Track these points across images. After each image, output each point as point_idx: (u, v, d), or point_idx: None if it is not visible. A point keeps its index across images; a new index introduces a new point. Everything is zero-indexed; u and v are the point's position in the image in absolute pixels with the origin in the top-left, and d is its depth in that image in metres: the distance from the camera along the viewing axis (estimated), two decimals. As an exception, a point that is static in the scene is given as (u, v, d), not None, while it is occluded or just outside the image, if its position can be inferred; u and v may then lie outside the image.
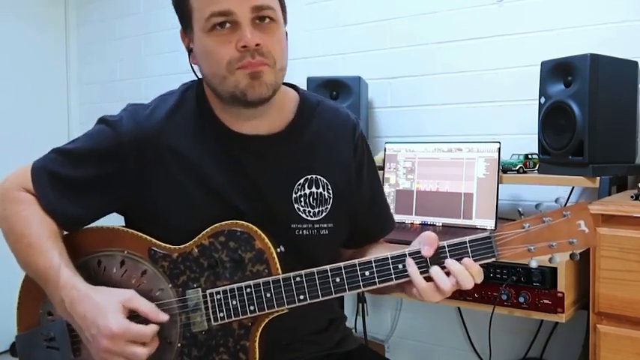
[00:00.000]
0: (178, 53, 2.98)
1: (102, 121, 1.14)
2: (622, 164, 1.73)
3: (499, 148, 1.83)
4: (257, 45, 1.01)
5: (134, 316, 1.02)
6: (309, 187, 1.14)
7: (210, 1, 1.01)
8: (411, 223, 1.95)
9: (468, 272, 0.96)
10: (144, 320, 1.02)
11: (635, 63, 1.75)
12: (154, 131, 1.09)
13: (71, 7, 3.45)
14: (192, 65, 1.13)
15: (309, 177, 1.14)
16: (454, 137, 2.18)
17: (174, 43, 3.00)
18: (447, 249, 0.99)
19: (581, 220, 0.96)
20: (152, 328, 1.01)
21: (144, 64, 3.18)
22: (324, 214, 1.15)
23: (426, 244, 0.99)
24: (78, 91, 3.48)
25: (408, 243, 1.03)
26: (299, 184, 1.13)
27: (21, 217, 1.09)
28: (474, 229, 1.81)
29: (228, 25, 1.02)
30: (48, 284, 1.05)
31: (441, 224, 1.90)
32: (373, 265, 1.01)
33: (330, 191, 1.16)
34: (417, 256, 0.99)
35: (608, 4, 1.94)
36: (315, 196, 1.14)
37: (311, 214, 1.14)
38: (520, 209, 0.99)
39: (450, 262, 0.97)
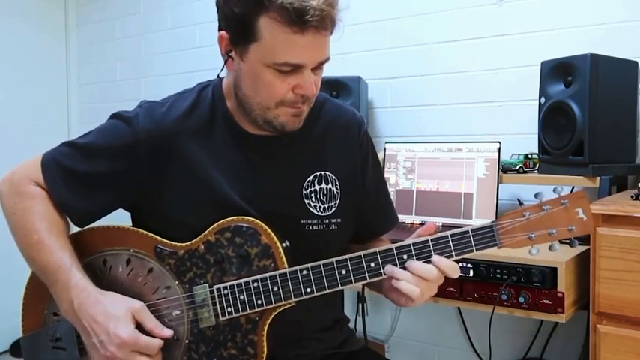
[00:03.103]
0: (178, 53, 2.99)
1: (116, 116, 1.14)
2: (622, 164, 1.73)
3: (499, 148, 1.83)
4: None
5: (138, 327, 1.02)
6: (319, 184, 1.16)
7: (287, 50, 1.00)
8: (411, 223, 1.95)
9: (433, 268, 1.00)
10: (147, 333, 1.02)
11: (635, 63, 1.75)
12: (169, 131, 1.10)
13: (71, 7, 3.45)
14: (224, 68, 1.12)
15: (318, 173, 1.17)
16: (454, 137, 2.18)
17: (174, 43, 3.03)
18: (449, 238, 1.01)
19: (579, 209, 0.99)
20: (159, 342, 1.02)
21: (144, 64, 3.17)
22: (333, 209, 1.17)
23: (425, 232, 1.04)
24: (78, 91, 3.48)
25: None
26: (309, 181, 1.16)
27: (33, 213, 1.08)
28: (474, 229, 1.81)
29: (290, 68, 1.03)
30: (56, 284, 1.04)
31: (441, 224, 1.90)
32: (378, 256, 1.03)
33: (338, 187, 1.19)
34: (421, 245, 1.01)
35: (608, 4, 1.94)
36: (325, 192, 1.17)
37: (321, 209, 1.16)
38: (520, 199, 1.01)
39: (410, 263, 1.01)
